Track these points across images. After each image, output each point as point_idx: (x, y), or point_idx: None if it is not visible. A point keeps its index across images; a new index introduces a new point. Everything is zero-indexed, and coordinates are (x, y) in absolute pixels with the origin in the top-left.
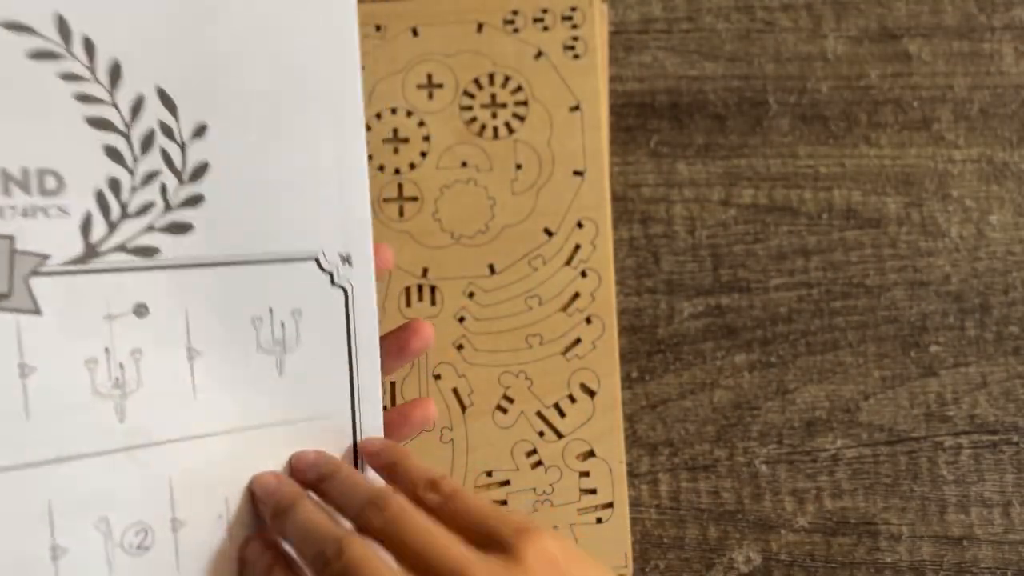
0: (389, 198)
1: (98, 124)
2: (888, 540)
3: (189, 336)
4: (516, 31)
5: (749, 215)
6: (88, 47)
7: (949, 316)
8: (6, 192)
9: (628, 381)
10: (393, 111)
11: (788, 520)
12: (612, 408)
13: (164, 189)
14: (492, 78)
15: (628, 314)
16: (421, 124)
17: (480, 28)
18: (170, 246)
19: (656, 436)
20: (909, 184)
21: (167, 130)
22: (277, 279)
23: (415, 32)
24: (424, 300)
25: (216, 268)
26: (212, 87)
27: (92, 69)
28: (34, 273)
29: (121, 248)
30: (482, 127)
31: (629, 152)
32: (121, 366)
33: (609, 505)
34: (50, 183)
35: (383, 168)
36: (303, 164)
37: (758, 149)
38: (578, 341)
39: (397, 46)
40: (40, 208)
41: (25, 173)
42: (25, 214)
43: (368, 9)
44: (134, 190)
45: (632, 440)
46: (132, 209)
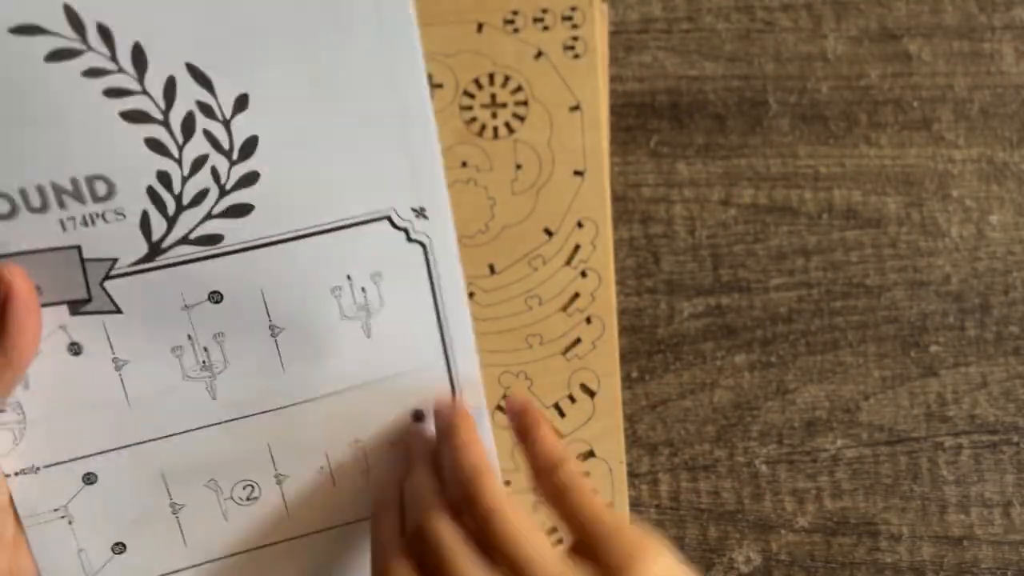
0: None
1: (133, 117)
2: (888, 540)
3: (269, 315)
4: (516, 31)
5: (749, 215)
6: (105, 35)
7: (949, 316)
8: (62, 205)
9: (628, 381)
10: None
11: (788, 520)
12: (612, 408)
13: (216, 173)
14: (492, 78)
15: (628, 314)
16: None
17: (480, 28)
18: (233, 231)
19: (656, 436)
20: (909, 184)
21: (206, 109)
22: (350, 245)
23: None
24: None
25: (284, 245)
26: (245, 51)
27: (115, 58)
28: (107, 277)
29: (184, 240)
30: (482, 127)
31: (629, 152)
32: (206, 350)
33: (609, 505)
34: (101, 189)
35: None
36: (359, 117)
37: (758, 149)
38: (578, 341)
39: None
40: (97, 215)
41: (75, 183)
42: (85, 223)
43: None
44: (184, 180)
45: (632, 440)
46: (186, 200)
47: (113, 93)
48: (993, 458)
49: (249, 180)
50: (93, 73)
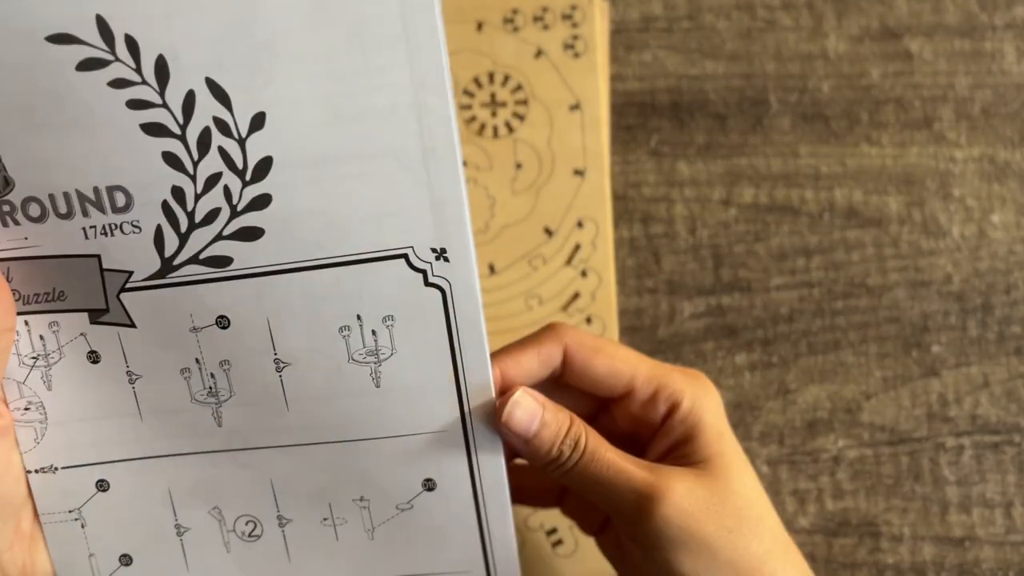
0: None
1: (153, 130)
2: (889, 541)
3: (275, 347)
4: (516, 30)
5: (750, 214)
6: (132, 47)
7: (951, 316)
8: (84, 213)
9: None
10: None
11: (789, 521)
12: None
13: (228, 192)
14: (492, 77)
15: (628, 314)
16: None
17: (480, 27)
18: (242, 254)
19: None
20: (910, 183)
21: (223, 126)
22: (362, 282)
23: None
24: None
25: (292, 275)
26: (265, 68)
27: (139, 70)
28: (123, 289)
29: (194, 260)
30: (482, 126)
31: (629, 151)
32: (212, 376)
33: None
34: (120, 200)
35: None
36: (378, 146)
37: (759, 148)
38: None
39: None
40: (116, 225)
41: (97, 192)
42: (105, 233)
43: None
44: (198, 197)
45: None
46: (199, 218)
47: (135, 104)
48: (995, 458)
49: (261, 203)
50: (118, 84)
